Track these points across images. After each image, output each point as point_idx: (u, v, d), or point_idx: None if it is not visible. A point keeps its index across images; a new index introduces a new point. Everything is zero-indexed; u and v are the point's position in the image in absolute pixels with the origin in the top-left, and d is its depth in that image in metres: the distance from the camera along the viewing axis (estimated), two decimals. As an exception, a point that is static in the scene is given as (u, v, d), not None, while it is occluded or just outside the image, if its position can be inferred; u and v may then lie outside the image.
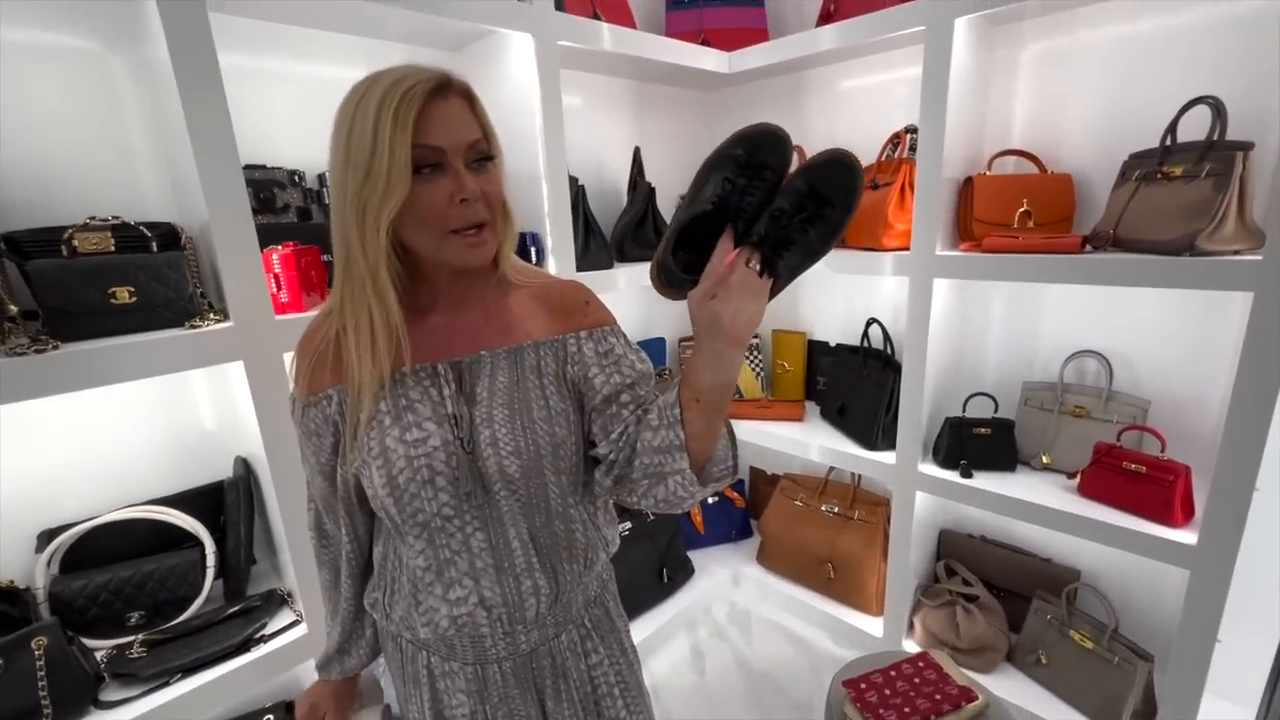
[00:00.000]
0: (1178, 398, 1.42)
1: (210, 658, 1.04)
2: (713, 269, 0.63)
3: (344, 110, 0.63)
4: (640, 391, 0.74)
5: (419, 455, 0.67)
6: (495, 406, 0.70)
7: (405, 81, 0.61)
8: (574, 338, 0.75)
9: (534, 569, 0.73)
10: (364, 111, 0.61)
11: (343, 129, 0.63)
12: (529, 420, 0.70)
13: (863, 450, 1.76)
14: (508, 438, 0.69)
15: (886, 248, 1.60)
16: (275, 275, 1.07)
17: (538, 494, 0.72)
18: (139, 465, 1.19)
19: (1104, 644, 1.44)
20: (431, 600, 0.72)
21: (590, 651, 0.82)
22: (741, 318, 0.61)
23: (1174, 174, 1.22)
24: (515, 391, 0.71)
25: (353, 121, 0.62)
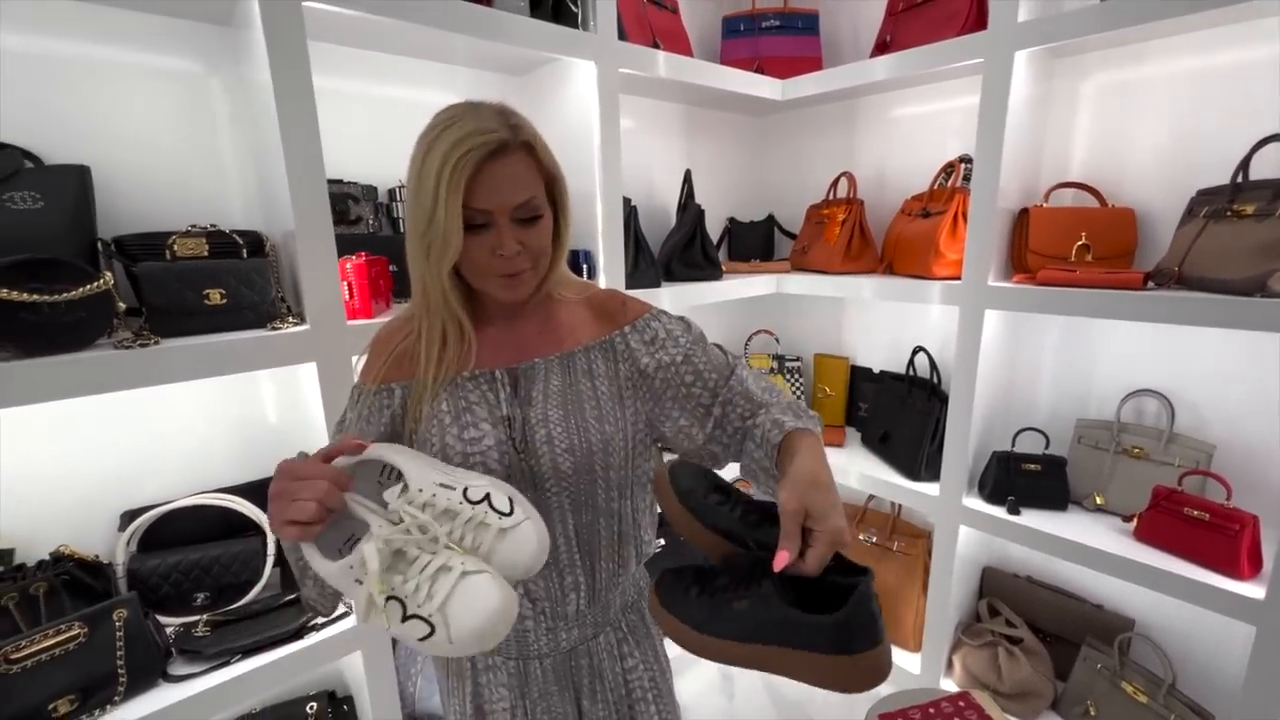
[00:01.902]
0: (1245, 443, 1.36)
1: (267, 641, 1.10)
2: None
3: (416, 153, 0.69)
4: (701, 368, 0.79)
5: (474, 453, 0.73)
6: (550, 407, 0.75)
7: (465, 143, 0.65)
8: (619, 335, 0.81)
9: (575, 565, 0.77)
10: (429, 168, 0.66)
11: (414, 171, 0.69)
12: (581, 420, 0.75)
13: (905, 480, 1.73)
14: (562, 436, 0.74)
15: (937, 276, 1.59)
16: (348, 283, 1.14)
17: (586, 490, 0.76)
18: (211, 455, 1.27)
19: (1160, 699, 1.37)
20: None
21: (626, 655, 0.84)
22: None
23: (1245, 212, 1.18)
24: (568, 393, 0.76)
25: (421, 170, 0.67)
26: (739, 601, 0.59)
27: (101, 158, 1.05)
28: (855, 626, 0.54)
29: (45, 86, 1.02)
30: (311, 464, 0.61)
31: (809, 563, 0.56)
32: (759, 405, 0.77)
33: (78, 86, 1.04)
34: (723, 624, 0.58)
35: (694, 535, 0.65)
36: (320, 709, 1.34)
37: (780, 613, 0.56)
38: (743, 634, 0.58)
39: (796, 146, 2.16)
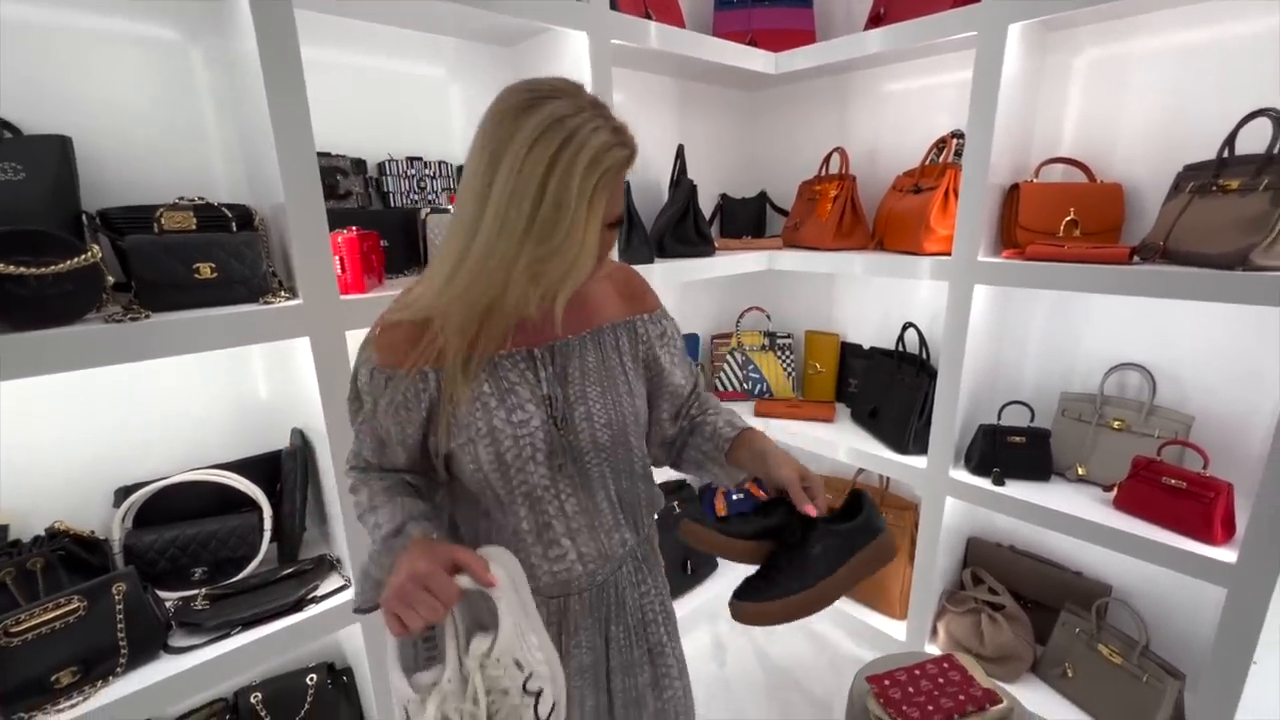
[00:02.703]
0: (1222, 414, 1.40)
1: (267, 614, 1.11)
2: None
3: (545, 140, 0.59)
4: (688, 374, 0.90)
5: (523, 435, 0.74)
6: (588, 385, 0.78)
7: (614, 154, 0.61)
8: (641, 320, 0.86)
9: (620, 525, 0.83)
10: (563, 184, 0.59)
11: (540, 158, 0.59)
12: (616, 395, 0.79)
13: (893, 454, 1.76)
14: (600, 412, 0.78)
15: (927, 252, 1.60)
16: (340, 258, 1.13)
17: (623, 459, 0.82)
18: (204, 431, 1.26)
19: (1133, 660, 1.42)
20: (533, 559, 0.78)
21: (640, 581, 0.89)
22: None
23: (1230, 187, 1.20)
24: (603, 370, 0.80)
25: (545, 180, 0.59)
26: (810, 550, 0.74)
27: (82, 129, 1.03)
28: (874, 515, 0.78)
29: (22, 54, 0.99)
30: (440, 578, 0.61)
31: (820, 505, 0.75)
32: (707, 409, 0.92)
33: (55, 54, 1.02)
34: (813, 572, 0.73)
35: (740, 552, 0.79)
36: (320, 680, 1.36)
37: (838, 536, 0.74)
38: (828, 568, 0.73)
39: (789, 122, 2.15)
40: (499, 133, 0.61)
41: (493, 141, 0.61)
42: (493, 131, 0.62)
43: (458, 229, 0.65)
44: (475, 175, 0.63)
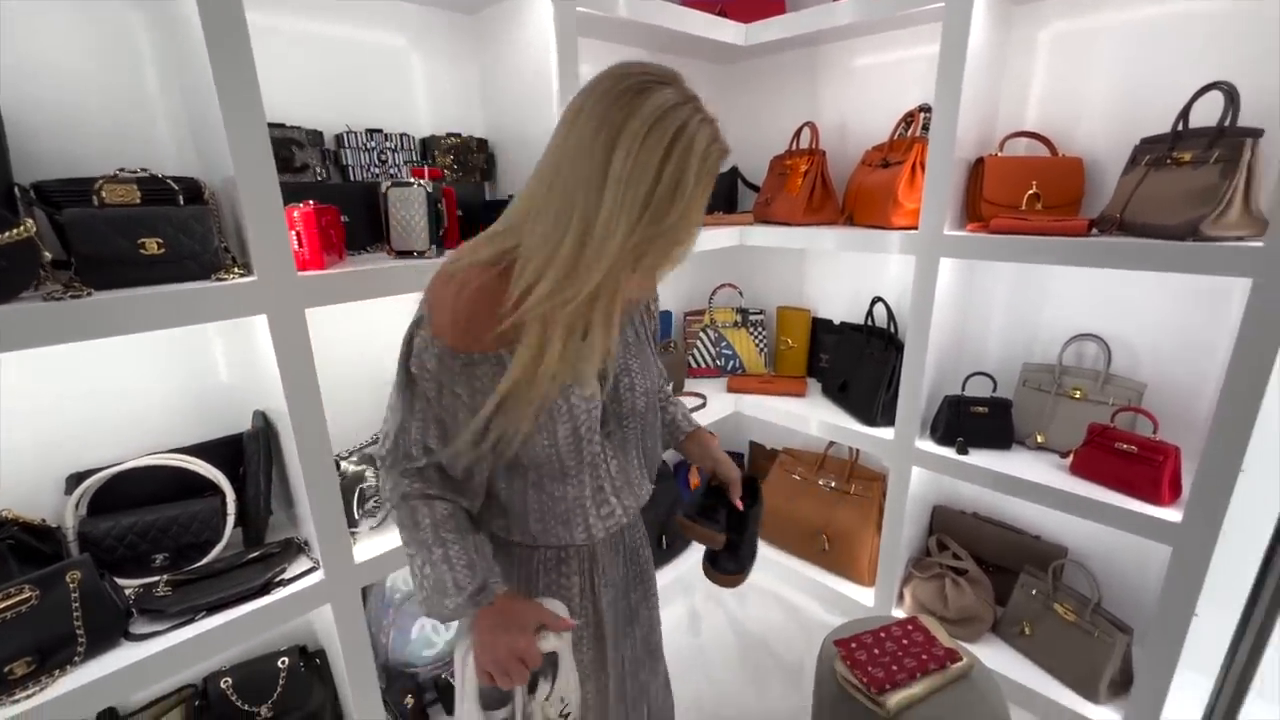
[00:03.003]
0: (1173, 382, 1.45)
1: (233, 598, 1.09)
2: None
3: (660, 127, 0.60)
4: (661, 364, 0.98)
5: (593, 408, 0.79)
6: (630, 358, 0.85)
7: (720, 147, 0.65)
8: (651, 302, 0.94)
9: (644, 479, 0.93)
10: (680, 168, 0.61)
11: (656, 148, 0.60)
12: (647, 365, 0.88)
13: (862, 426, 1.80)
14: (640, 381, 0.85)
15: (895, 226, 1.62)
16: (297, 232, 1.09)
17: (651, 422, 0.91)
18: (159, 415, 1.22)
19: (1086, 617, 1.49)
20: (590, 519, 0.84)
21: (636, 521, 1.00)
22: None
23: (1183, 159, 1.23)
24: (638, 344, 0.88)
25: (662, 165, 0.60)
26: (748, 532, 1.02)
27: (12, 96, 0.97)
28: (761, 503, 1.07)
29: (-62, 13, 0.92)
30: (532, 651, 0.72)
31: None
32: (668, 399, 1.07)
33: (-23, 15, 0.95)
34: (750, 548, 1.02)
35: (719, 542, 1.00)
36: (292, 663, 1.35)
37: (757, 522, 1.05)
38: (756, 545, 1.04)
39: (760, 96, 2.14)
40: (613, 115, 0.61)
41: (607, 124, 0.61)
42: (605, 113, 0.62)
43: (563, 206, 0.63)
44: (585, 154, 0.62)
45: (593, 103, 0.63)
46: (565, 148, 0.64)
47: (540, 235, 0.65)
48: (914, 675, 1.14)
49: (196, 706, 1.28)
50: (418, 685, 1.48)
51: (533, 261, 0.66)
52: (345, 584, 1.21)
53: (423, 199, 1.20)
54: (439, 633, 1.52)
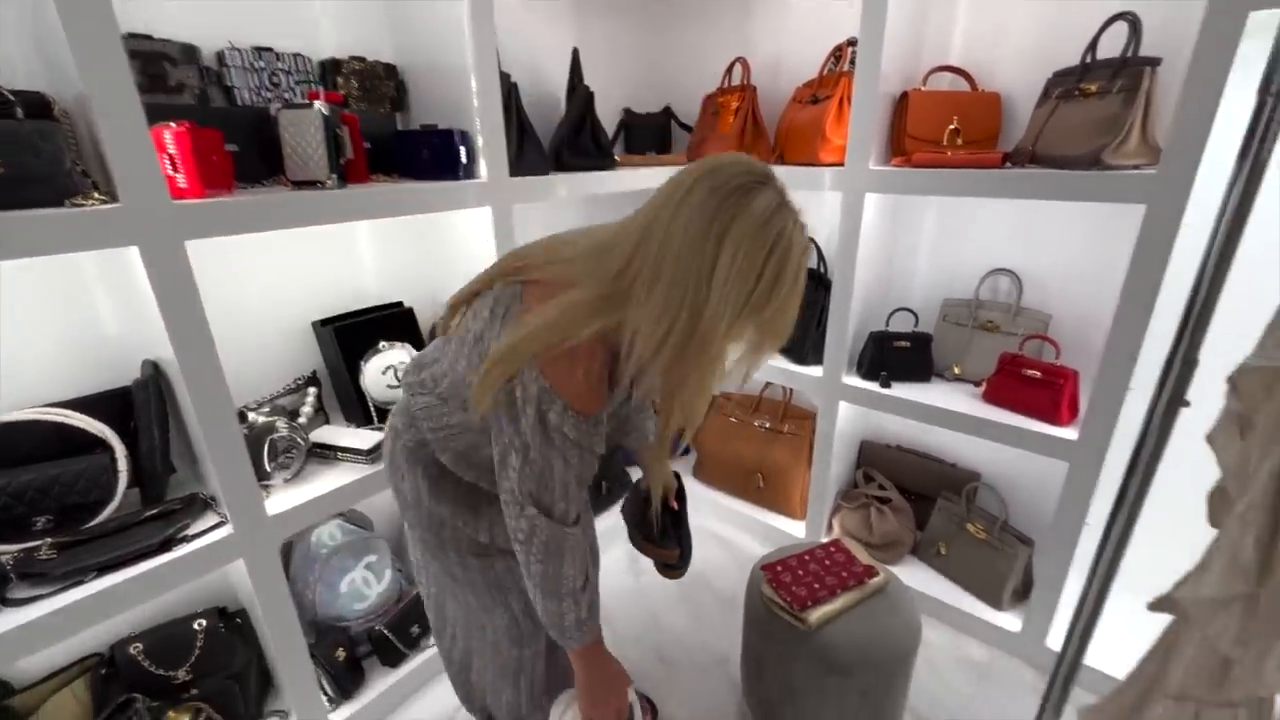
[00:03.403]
0: (1077, 310, 1.54)
1: (129, 556, 1.02)
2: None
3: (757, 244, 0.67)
4: None
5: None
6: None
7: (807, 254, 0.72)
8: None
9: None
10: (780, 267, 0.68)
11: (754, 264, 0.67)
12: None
13: (793, 365, 1.83)
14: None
15: (823, 162, 1.62)
16: (170, 156, 0.98)
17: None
18: (33, 368, 1.10)
19: (994, 534, 1.60)
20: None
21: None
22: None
23: (1090, 91, 1.27)
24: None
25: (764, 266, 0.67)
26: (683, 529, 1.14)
27: None
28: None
29: None
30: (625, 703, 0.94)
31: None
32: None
33: None
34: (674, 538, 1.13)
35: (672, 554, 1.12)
36: (210, 625, 1.29)
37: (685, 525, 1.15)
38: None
39: (693, 32, 2.06)
40: (723, 214, 0.67)
41: (717, 222, 0.67)
42: (715, 211, 0.67)
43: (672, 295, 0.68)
44: (696, 249, 0.67)
45: (702, 197, 0.68)
46: (672, 235, 0.68)
47: (651, 319, 0.70)
48: (834, 592, 1.19)
49: (104, 675, 1.21)
50: (349, 639, 1.45)
51: (644, 341, 0.71)
52: (259, 539, 1.15)
53: (319, 123, 1.10)
54: (370, 585, 1.48)
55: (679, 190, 0.69)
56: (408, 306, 1.59)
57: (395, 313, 1.56)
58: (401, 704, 1.48)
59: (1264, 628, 0.45)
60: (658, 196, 0.72)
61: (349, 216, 1.19)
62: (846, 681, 1.12)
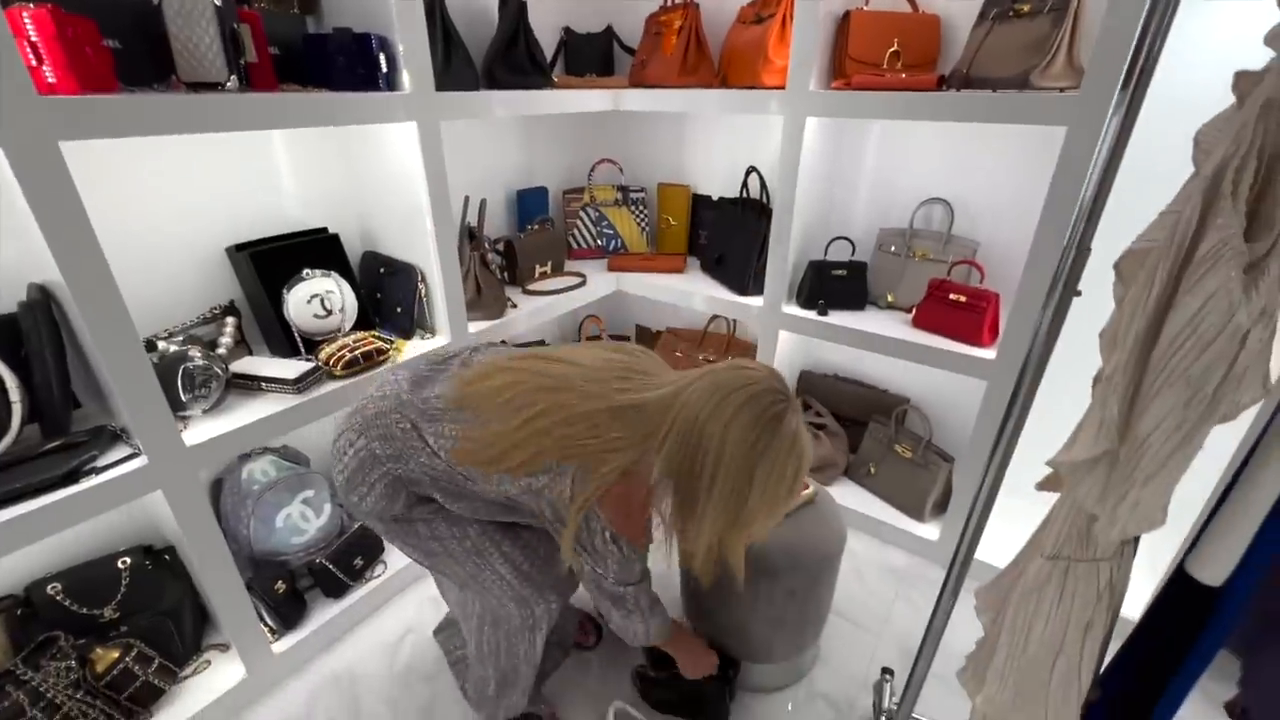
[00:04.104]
0: (1003, 236, 1.59)
1: (29, 489, 0.96)
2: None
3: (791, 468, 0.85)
4: None
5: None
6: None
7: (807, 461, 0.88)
8: None
9: None
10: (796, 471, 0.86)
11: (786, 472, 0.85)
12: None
13: (736, 296, 1.84)
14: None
15: (766, 85, 1.58)
16: (32, 44, 0.86)
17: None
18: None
19: (919, 453, 1.70)
20: None
21: None
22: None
23: (1023, 10, 1.27)
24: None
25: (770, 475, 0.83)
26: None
27: None
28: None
29: None
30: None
31: None
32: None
33: None
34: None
35: None
36: (136, 563, 1.25)
37: None
38: None
39: (634, -58, 1.94)
40: (763, 438, 0.82)
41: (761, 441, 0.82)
42: (758, 437, 0.81)
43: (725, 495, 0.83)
44: (742, 460, 0.82)
45: (749, 420, 0.81)
46: (725, 446, 0.81)
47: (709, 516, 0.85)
48: (766, 504, 1.24)
49: (20, 615, 1.17)
50: (290, 573, 1.44)
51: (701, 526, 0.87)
52: (177, 470, 1.10)
53: (210, 14, 0.99)
54: (308, 520, 1.46)
55: (727, 408, 0.82)
56: (333, 233, 1.51)
57: (319, 239, 1.47)
58: (348, 631, 1.49)
59: (1120, 477, 0.49)
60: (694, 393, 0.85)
61: (253, 124, 1.09)
62: (775, 583, 1.18)
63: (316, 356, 1.36)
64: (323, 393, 1.30)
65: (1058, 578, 0.61)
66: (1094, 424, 0.51)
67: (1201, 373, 0.44)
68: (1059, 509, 0.62)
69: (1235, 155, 0.43)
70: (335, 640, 1.47)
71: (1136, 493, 0.48)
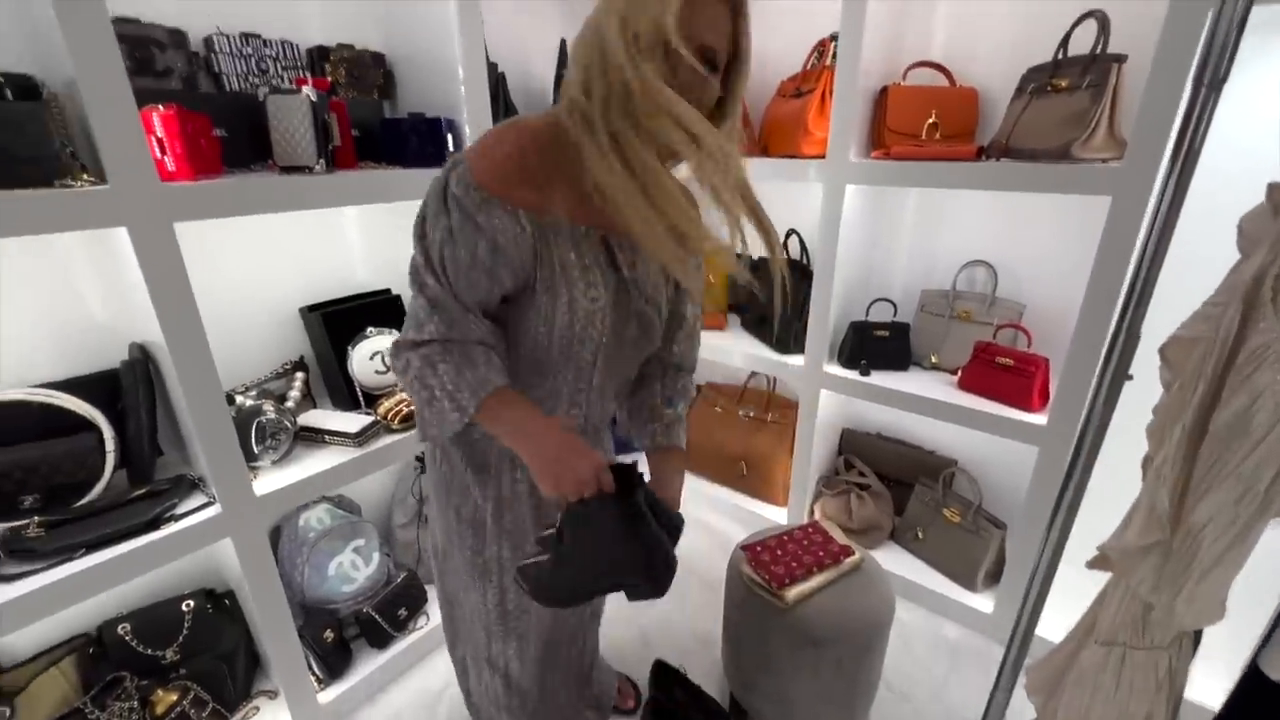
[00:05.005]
0: (1049, 300, 1.58)
1: (117, 535, 1.03)
2: None
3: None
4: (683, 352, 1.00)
5: (596, 309, 0.78)
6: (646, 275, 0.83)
7: None
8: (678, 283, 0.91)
9: (621, 400, 0.97)
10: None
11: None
12: (660, 305, 0.86)
13: (776, 354, 1.87)
14: (650, 308, 0.84)
15: (805, 154, 1.65)
16: (158, 140, 0.99)
17: (645, 354, 0.91)
18: (22, 350, 1.11)
19: (969, 518, 1.65)
20: (559, 412, 0.86)
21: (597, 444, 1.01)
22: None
23: (1061, 86, 1.31)
24: (659, 279, 0.85)
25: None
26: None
27: None
28: None
29: None
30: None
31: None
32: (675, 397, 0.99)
33: None
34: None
35: None
36: (198, 606, 1.31)
37: None
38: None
39: (679, 24, 2.08)
40: None
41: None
42: None
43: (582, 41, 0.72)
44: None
45: None
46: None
47: (572, 68, 0.72)
48: (811, 570, 1.23)
49: (91, 654, 1.23)
50: (338, 621, 1.47)
51: (571, 84, 0.71)
52: (246, 518, 1.17)
53: (306, 109, 1.12)
54: (357, 569, 1.50)
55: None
56: (395, 294, 1.61)
57: (382, 299, 1.58)
58: (389, 685, 1.51)
59: (1176, 569, 0.49)
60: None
61: (337, 202, 1.20)
62: (821, 653, 1.15)
63: (375, 410, 1.43)
64: (380, 446, 1.36)
65: (1114, 665, 0.59)
66: (1145, 513, 0.51)
67: (1253, 470, 0.45)
68: (1112, 590, 0.60)
69: (1274, 263, 0.44)
70: (378, 691, 1.48)
71: (1193, 587, 0.48)
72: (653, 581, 0.74)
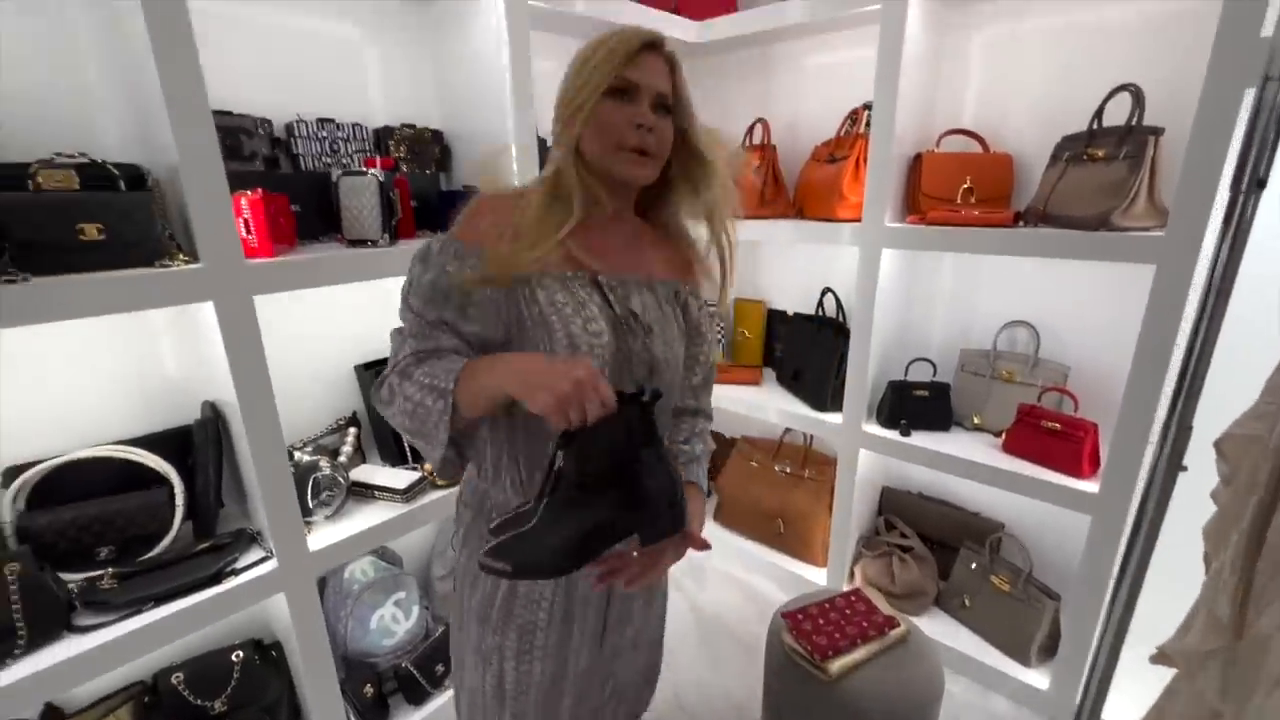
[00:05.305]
0: (1094, 363, 1.56)
1: (183, 588, 1.08)
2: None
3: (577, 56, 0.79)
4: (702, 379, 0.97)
5: (596, 345, 0.77)
6: (651, 320, 0.82)
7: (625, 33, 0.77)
8: (684, 288, 0.91)
9: None
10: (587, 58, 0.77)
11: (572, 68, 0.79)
12: (671, 337, 0.85)
13: (813, 412, 1.86)
14: (660, 348, 0.82)
15: (840, 218, 1.69)
16: (245, 220, 1.09)
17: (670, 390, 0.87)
18: (102, 407, 1.20)
19: (1019, 587, 1.59)
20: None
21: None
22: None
23: (1097, 155, 1.33)
24: (659, 312, 0.85)
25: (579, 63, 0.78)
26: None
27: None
28: None
29: None
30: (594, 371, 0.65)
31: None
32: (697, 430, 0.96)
33: (-102, -7, 0.92)
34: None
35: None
36: (247, 657, 1.34)
37: None
38: None
39: (714, 93, 2.19)
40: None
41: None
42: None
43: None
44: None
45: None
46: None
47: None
48: (855, 642, 1.20)
49: (146, 703, 1.27)
50: (377, 675, 1.48)
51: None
52: (299, 572, 1.21)
53: (374, 188, 1.21)
54: (398, 622, 1.52)
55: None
56: (444, 351, 1.68)
57: (432, 357, 1.64)
58: (424, 743, 1.50)
59: (1243, 678, 0.47)
60: None
61: (399, 271, 1.28)
62: (868, 734, 1.12)
63: (421, 466, 1.48)
64: (426, 501, 1.40)
65: (1193, 770, 0.57)
66: (1205, 617, 0.50)
67: (1328, 575, 0.44)
68: (1180, 687, 0.58)
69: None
70: (413, 751, 1.48)
71: (1263, 697, 0.46)
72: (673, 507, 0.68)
